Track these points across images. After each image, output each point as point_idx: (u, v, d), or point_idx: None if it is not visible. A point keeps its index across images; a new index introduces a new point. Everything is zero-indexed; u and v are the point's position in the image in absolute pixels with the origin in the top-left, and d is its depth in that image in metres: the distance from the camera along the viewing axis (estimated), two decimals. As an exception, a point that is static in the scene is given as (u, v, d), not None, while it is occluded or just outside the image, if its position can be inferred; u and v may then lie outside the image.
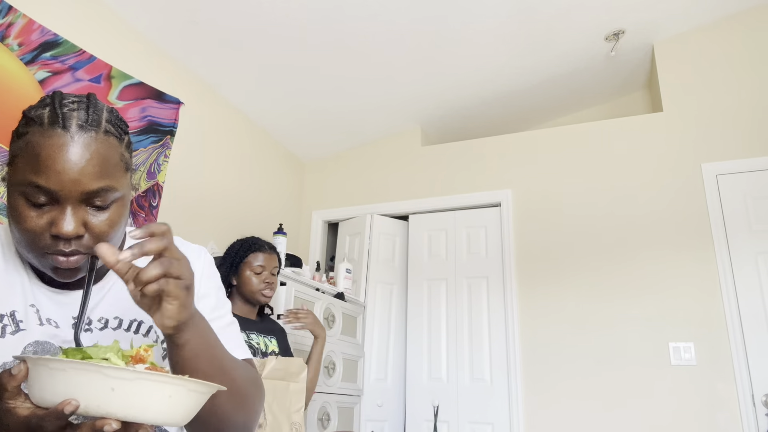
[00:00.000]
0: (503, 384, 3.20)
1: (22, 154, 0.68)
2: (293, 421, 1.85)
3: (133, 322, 0.81)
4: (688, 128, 3.21)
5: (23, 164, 0.68)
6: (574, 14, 3.00)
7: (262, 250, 2.17)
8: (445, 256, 3.62)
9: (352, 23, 2.86)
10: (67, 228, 0.67)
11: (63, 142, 0.67)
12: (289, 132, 3.84)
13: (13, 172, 0.69)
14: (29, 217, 0.68)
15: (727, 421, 2.71)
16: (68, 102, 0.70)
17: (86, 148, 0.68)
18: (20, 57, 2.14)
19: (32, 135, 0.68)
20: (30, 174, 0.67)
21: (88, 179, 0.68)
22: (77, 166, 0.67)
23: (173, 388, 0.57)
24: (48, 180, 0.66)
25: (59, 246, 0.68)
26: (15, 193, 0.69)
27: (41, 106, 0.71)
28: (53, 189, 0.66)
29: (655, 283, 3.02)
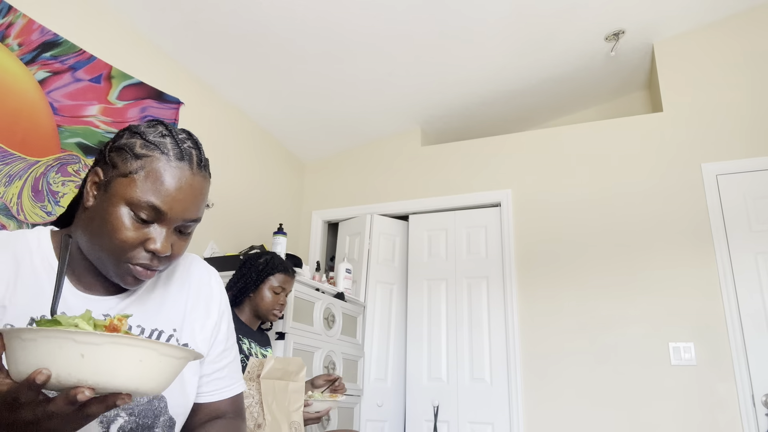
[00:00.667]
0: (503, 384, 3.20)
1: (143, 174, 0.76)
2: (292, 421, 1.85)
3: (154, 331, 0.85)
4: (688, 128, 3.21)
5: (143, 184, 0.76)
6: (574, 14, 3.00)
7: (287, 273, 2.21)
8: (445, 256, 3.62)
9: (353, 23, 2.87)
10: (164, 248, 0.77)
11: (185, 175, 0.78)
12: (289, 132, 3.84)
13: (127, 186, 0.76)
14: (129, 229, 0.76)
15: (727, 421, 2.71)
16: (183, 138, 0.81)
17: (199, 185, 0.81)
18: (20, 57, 2.14)
19: (156, 161, 0.77)
20: (149, 194, 0.76)
21: (193, 210, 0.80)
22: (191, 199, 0.79)
23: (144, 351, 0.56)
24: (165, 203, 0.76)
25: (148, 261, 0.77)
26: (121, 204, 0.76)
27: (159, 135, 0.80)
28: (165, 212, 0.76)
29: (655, 283, 3.02)
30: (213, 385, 0.93)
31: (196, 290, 0.93)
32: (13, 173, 2.09)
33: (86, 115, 2.39)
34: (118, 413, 0.78)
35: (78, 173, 2.34)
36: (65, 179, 2.29)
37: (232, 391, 0.95)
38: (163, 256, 0.78)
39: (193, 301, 0.91)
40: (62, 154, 2.28)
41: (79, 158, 2.35)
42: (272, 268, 2.18)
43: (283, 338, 2.61)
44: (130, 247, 0.76)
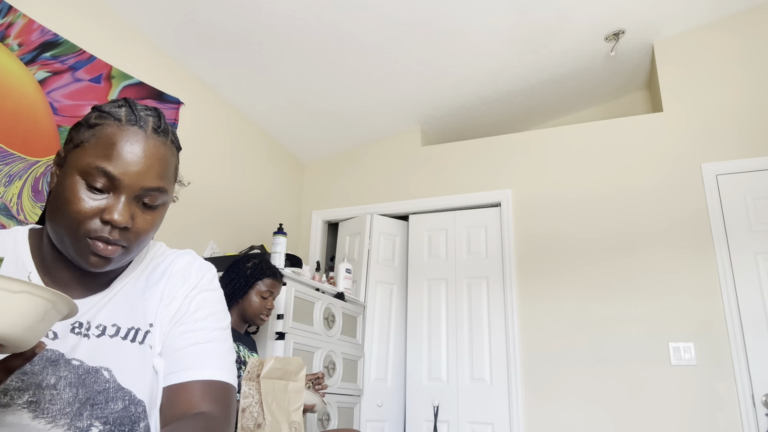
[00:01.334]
0: (503, 384, 3.20)
1: (93, 141, 0.73)
2: (292, 420, 1.85)
3: (130, 330, 0.80)
4: (688, 128, 3.21)
5: (93, 150, 0.73)
6: (574, 14, 3.00)
7: (274, 278, 2.22)
8: (445, 256, 3.62)
9: (352, 23, 2.87)
10: (119, 216, 0.72)
11: (138, 138, 0.75)
12: (289, 132, 3.84)
13: (78, 155, 0.74)
14: (84, 199, 0.72)
15: (727, 421, 2.71)
16: (142, 108, 0.78)
17: (155, 149, 0.76)
18: (20, 57, 2.14)
19: (108, 127, 0.74)
20: (99, 159, 0.72)
21: (151, 176, 0.75)
22: (145, 162, 0.74)
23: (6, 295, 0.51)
24: (116, 167, 0.72)
25: (105, 233, 0.73)
26: (74, 175, 0.73)
27: (116, 105, 0.77)
28: (118, 176, 0.72)
29: (655, 283, 3.02)
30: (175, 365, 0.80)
31: (174, 279, 0.86)
32: (13, 173, 2.09)
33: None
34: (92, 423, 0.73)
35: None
36: (65, 179, 2.29)
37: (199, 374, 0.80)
38: (122, 227, 0.73)
39: (170, 288, 0.85)
40: (62, 154, 2.28)
41: (79, 158, 2.35)
42: (260, 273, 2.18)
43: (283, 338, 2.61)
44: (85, 218, 0.72)
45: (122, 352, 0.77)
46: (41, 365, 0.72)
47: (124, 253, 0.76)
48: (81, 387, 0.73)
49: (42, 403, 0.71)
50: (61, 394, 0.72)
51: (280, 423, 1.79)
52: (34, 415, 0.70)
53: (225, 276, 2.21)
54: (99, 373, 0.75)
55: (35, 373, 0.71)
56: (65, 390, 0.72)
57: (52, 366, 0.73)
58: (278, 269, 2.31)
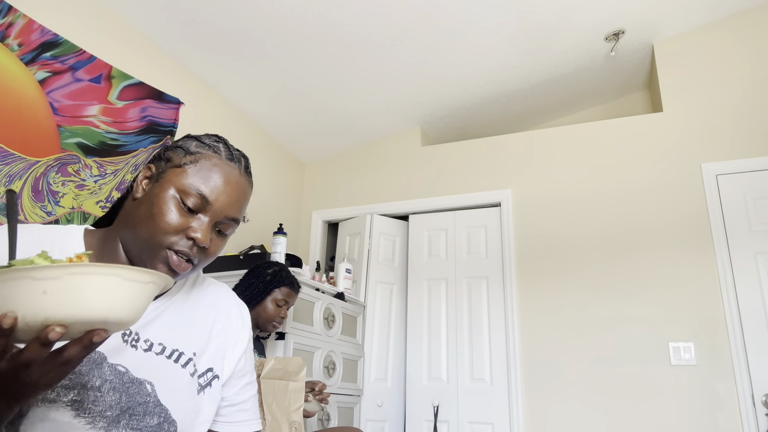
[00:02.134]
0: (503, 384, 3.20)
1: (196, 166, 0.82)
2: (292, 420, 1.85)
3: (174, 351, 0.84)
4: (688, 128, 3.21)
5: (195, 174, 0.81)
6: (574, 14, 3.00)
7: (292, 287, 2.23)
8: (445, 256, 3.62)
9: (352, 23, 2.87)
10: (204, 238, 0.80)
11: (235, 174, 0.84)
12: (289, 132, 3.84)
13: (178, 175, 0.81)
14: (175, 213, 0.79)
15: (727, 421, 2.71)
16: (234, 148, 0.88)
17: (244, 187, 0.86)
18: (20, 57, 2.14)
19: (210, 158, 0.83)
20: (199, 182, 0.81)
21: (235, 208, 0.84)
22: (234, 195, 0.83)
23: (106, 279, 0.54)
24: (212, 193, 0.81)
25: (187, 248, 0.80)
26: (170, 190, 0.80)
27: (214, 140, 0.87)
28: (212, 201, 0.81)
29: (655, 283, 3.02)
30: (237, 416, 0.94)
31: (225, 317, 0.94)
32: (13, 173, 2.09)
33: (86, 115, 2.39)
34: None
35: (78, 173, 2.34)
36: (65, 179, 2.29)
37: (252, 426, 0.96)
38: (202, 246, 0.80)
39: (221, 327, 0.92)
40: (62, 154, 2.28)
41: (79, 158, 2.35)
42: (279, 281, 2.20)
43: (283, 338, 2.61)
44: (173, 232, 0.79)
45: (165, 371, 0.81)
46: (88, 366, 0.75)
47: (191, 271, 0.83)
48: (124, 394, 0.76)
49: (85, 403, 0.73)
50: (104, 397, 0.75)
51: (280, 423, 1.79)
52: (75, 414, 0.73)
53: (245, 280, 2.22)
54: (143, 385, 0.79)
55: (82, 373, 0.74)
56: (109, 393, 0.75)
57: (97, 368, 0.76)
58: (297, 280, 2.31)
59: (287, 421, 1.83)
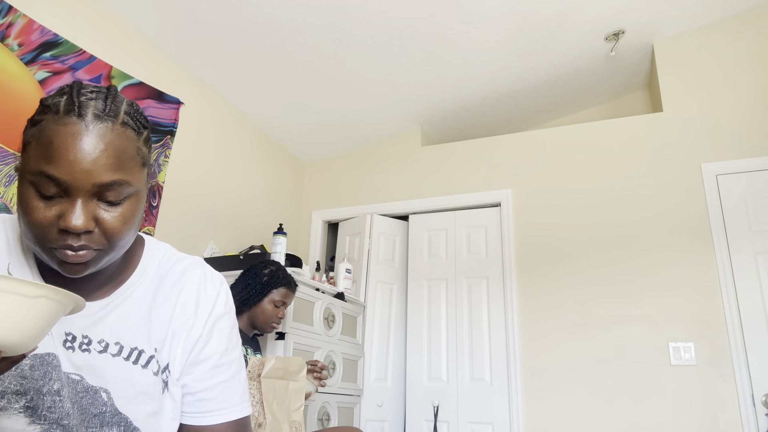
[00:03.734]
0: (503, 384, 3.20)
1: (35, 141, 0.65)
2: (293, 420, 1.85)
3: (133, 350, 0.75)
4: (688, 128, 3.21)
5: (35, 152, 0.64)
6: (574, 14, 3.00)
7: (289, 287, 2.21)
8: (445, 256, 3.62)
9: (352, 23, 2.87)
10: (76, 222, 0.63)
11: (77, 130, 0.64)
12: (289, 132, 3.84)
13: (25, 160, 0.66)
14: (37, 208, 0.64)
15: (727, 421, 2.71)
16: (87, 91, 0.67)
17: (101, 139, 0.65)
18: (20, 57, 2.14)
19: (46, 122, 0.64)
20: (41, 163, 0.63)
21: (101, 171, 0.64)
22: (90, 157, 0.63)
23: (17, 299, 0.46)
24: (59, 170, 0.63)
25: (67, 240, 0.64)
26: (25, 183, 0.65)
27: (59, 94, 0.67)
28: (64, 179, 0.63)
29: (655, 283, 3.02)
30: (198, 406, 0.80)
31: (186, 297, 0.81)
32: (13, 173, 2.09)
33: (86, 115, 2.39)
34: None
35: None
36: (65, 179, 2.29)
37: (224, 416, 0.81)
38: (82, 232, 0.64)
39: (180, 309, 0.80)
40: (62, 154, 2.28)
41: (79, 158, 2.35)
42: (276, 282, 2.18)
43: (283, 338, 2.61)
44: (45, 230, 0.64)
45: (123, 374, 0.73)
46: (42, 370, 0.69)
47: (101, 255, 0.68)
48: (77, 406, 0.70)
49: (40, 410, 0.68)
50: (61, 404, 0.69)
51: (280, 422, 1.79)
52: (30, 421, 0.68)
53: (241, 280, 2.21)
54: (97, 394, 0.72)
55: (35, 378, 0.68)
56: (65, 402, 0.69)
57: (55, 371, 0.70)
58: (294, 279, 2.30)
59: (287, 420, 1.83)
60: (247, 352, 2.10)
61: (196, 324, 0.80)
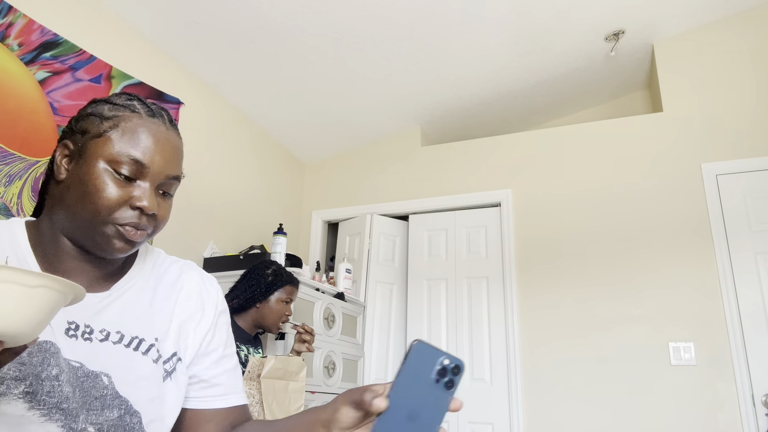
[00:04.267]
0: (503, 384, 3.20)
1: (118, 131, 0.76)
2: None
3: (134, 338, 0.80)
4: (688, 128, 3.21)
5: (120, 140, 0.75)
6: (574, 14, 3.00)
7: (294, 285, 2.24)
8: (445, 256, 3.62)
9: (353, 23, 2.87)
10: (151, 204, 0.76)
11: (162, 130, 0.79)
12: (289, 132, 3.84)
13: (102, 145, 0.75)
14: (112, 187, 0.74)
15: (727, 421, 2.71)
16: (150, 102, 0.82)
17: (175, 141, 0.81)
18: (20, 57, 2.14)
19: (129, 119, 0.77)
20: (129, 148, 0.75)
21: (173, 165, 0.79)
22: (169, 152, 0.79)
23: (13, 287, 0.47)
24: (145, 155, 0.76)
25: (135, 218, 0.75)
26: (98, 163, 0.75)
27: (126, 99, 0.80)
28: (147, 164, 0.76)
29: (655, 282, 3.02)
30: (208, 391, 0.88)
31: (186, 296, 0.88)
32: (13, 173, 2.09)
33: (86, 115, 2.39)
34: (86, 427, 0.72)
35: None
36: (65, 179, 2.29)
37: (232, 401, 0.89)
38: (150, 213, 0.76)
39: (182, 307, 0.87)
40: (62, 154, 2.28)
41: (79, 158, 2.35)
42: (281, 280, 2.19)
43: (283, 338, 2.61)
44: (115, 206, 0.74)
45: (124, 360, 0.77)
46: (40, 357, 0.71)
47: (146, 238, 0.79)
48: (78, 389, 0.73)
49: (39, 395, 0.70)
50: (60, 388, 0.71)
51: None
52: (29, 406, 0.69)
53: (243, 282, 2.21)
54: (98, 377, 0.75)
55: (34, 364, 0.70)
56: (65, 386, 0.72)
57: (53, 357, 0.72)
58: (295, 276, 2.31)
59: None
60: (248, 351, 2.10)
61: (204, 319, 0.89)
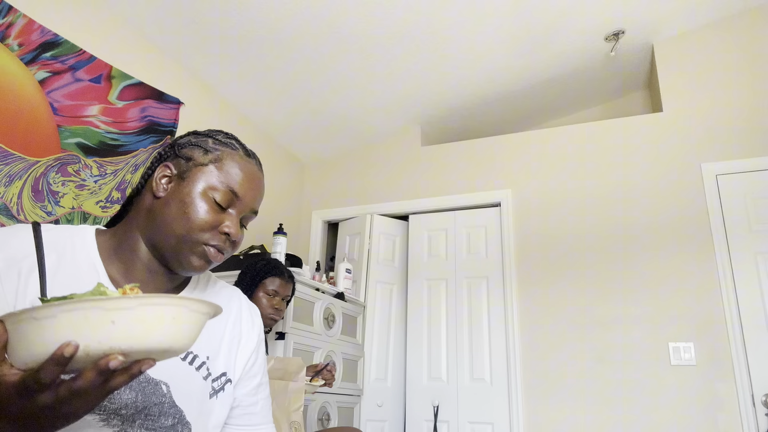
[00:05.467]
0: (503, 384, 3.20)
1: (220, 165, 0.85)
2: (292, 420, 1.85)
3: (189, 354, 0.85)
4: (688, 128, 3.21)
5: (222, 172, 0.85)
6: (574, 14, 3.00)
7: (281, 276, 2.21)
8: (445, 256, 3.62)
9: (352, 23, 2.87)
10: (237, 231, 0.85)
11: (255, 169, 0.89)
12: (289, 132, 3.84)
13: (205, 174, 0.84)
14: (209, 212, 0.83)
15: (727, 421, 2.71)
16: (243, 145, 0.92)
17: (262, 182, 0.91)
18: (20, 57, 2.14)
19: (232, 155, 0.87)
20: (229, 180, 0.85)
21: (258, 201, 0.89)
22: (258, 190, 0.89)
23: (176, 309, 0.55)
24: (242, 190, 0.85)
25: (221, 242, 0.84)
26: (199, 189, 0.83)
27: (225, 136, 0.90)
28: (241, 197, 0.85)
29: (654, 283, 3.02)
30: (246, 419, 0.94)
31: (236, 319, 0.96)
32: (13, 173, 2.09)
33: (86, 115, 2.40)
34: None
35: (78, 173, 2.34)
36: (65, 179, 2.29)
37: (263, 430, 0.97)
38: (234, 240, 0.85)
39: (231, 329, 0.94)
40: (62, 154, 2.28)
41: (79, 158, 2.35)
42: (266, 271, 2.18)
43: (283, 338, 2.61)
44: (208, 227, 0.82)
45: (180, 373, 0.82)
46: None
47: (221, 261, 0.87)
48: (140, 393, 0.76)
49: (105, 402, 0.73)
50: (120, 395, 0.74)
51: (280, 423, 1.79)
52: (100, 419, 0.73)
53: (240, 275, 2.23)
54: (158, 385, 0.79)
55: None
56: (125, 392, 0.75)
57: None
58: (288, 270, 2.29)
59: (287, 421, 1.83)
60: None
61: (249, 343, 0.96)
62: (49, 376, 0.51)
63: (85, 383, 0.52)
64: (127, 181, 2.55)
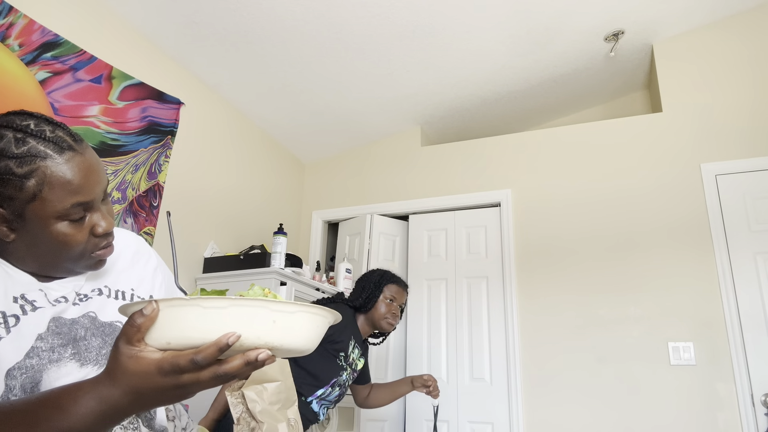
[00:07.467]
0: (503, 384, 3.21)
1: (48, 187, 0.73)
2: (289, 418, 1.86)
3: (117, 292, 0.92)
4: (687, 128, 3.21)
5: (55, 195, 0.74)
6: (574, 14, 3.01)
7: (398, 284, 2.39)
8: (445, 256, 3.62)
9: (352, 24, 2.87)
10: (108, 224, 0.81)
11: (80, 159, 0.77)
12: (289, 132, 3.85)
13: (41, 207, 0.74)
14: (75, 234, 0.77)
15: (726, 421, 2.71)
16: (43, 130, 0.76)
17: (91, 157, 0.80)
18: (21, 57, 2.15)
19: (45, 168, 0.73)
20: (69, 197, 0.75)
21: (103, 181, 0.81)
22: (96, 175, 0.79)
23: (321, 319, 0.64)
24: (87, 194, 0.77)
25: (103, 242, 0.82)
26: (50, 223, 0.75)
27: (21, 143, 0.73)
28: (91, 200, 0.78)
29: (654, 282, 3.02)
30: None
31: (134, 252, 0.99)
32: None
33: (87, 116, 2.40)
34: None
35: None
36: (66, 179, 2.29)
37: None
38: (110, 231, 0.82)
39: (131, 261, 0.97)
40: (63, 154, 2.29)
41: (79, 158, 2.35)
42: (387, 280, 2.38)
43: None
44: (85, 245, 0.80)
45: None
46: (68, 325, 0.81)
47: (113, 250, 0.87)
48: (104, 336, 0.84)
49: (82, 353, 0.80)
50: (91, 342, 0.81)
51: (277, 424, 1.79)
52: (80, 365, 0.79)
53: (356, 290, 2.39)
54: (113, 326, 0.86)
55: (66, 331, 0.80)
56: (93, 339, 0.82)
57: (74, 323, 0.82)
58: (404, 280, 2.46)
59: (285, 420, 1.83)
60: (353, 350, 2.22)
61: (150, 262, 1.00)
62: (207, 360, 0.56)
63: (231, 369, 0.57)
64: (127, 182, 2.56)
